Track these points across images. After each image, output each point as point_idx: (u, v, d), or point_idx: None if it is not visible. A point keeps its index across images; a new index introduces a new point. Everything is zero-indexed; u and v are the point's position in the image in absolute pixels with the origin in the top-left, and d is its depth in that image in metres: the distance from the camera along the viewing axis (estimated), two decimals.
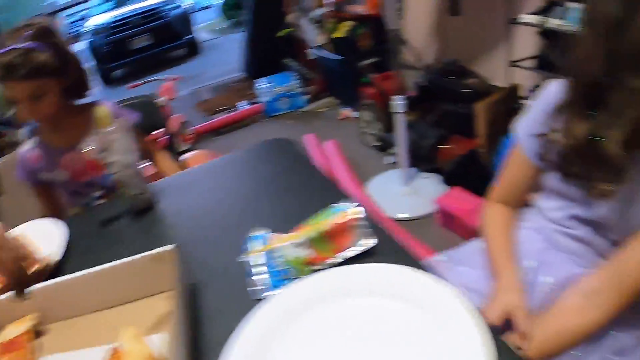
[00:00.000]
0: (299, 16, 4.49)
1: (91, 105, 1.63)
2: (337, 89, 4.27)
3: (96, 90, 7.79)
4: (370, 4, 3.45)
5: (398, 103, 2.55)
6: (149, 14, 8.05)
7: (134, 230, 1.26)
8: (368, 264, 0.86)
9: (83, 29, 8.82)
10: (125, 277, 0.94)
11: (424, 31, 3.29)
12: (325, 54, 3.92)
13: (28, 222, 1.40)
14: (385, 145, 3.22)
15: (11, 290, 0.96)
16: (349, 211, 0.93)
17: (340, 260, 0.91)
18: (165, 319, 0.90)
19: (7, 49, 1.43)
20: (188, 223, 1.22)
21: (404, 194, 2.81)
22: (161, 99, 3.88)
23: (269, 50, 5.07)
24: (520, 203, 1.14)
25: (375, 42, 3.47)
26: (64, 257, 1.17)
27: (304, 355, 0.76)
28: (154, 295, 0.97)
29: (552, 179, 0.98)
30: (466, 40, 2.98)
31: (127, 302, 0.98)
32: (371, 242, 0.92)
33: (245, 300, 0.88)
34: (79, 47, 7.60)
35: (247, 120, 4.55)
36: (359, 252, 0.91)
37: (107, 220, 1.31)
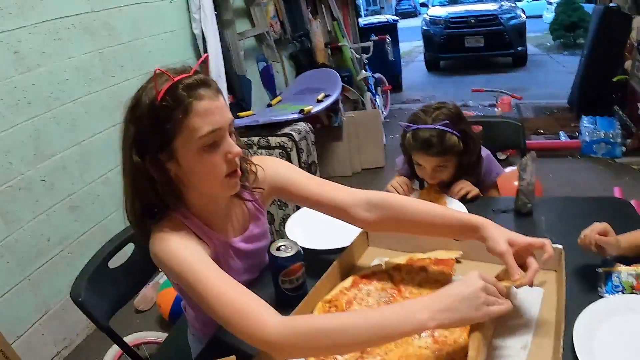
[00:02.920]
0: (637, 66, 4.37)
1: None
2: None
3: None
4: None
5: None
6: (485, 18, 8.34)
7: (513, 225, 1.52)
8: None
9: (424, 17, 9.47)
10: None
11: None
12: None
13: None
14: None
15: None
16: None
17: None
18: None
19: (427, 126, 1.67)
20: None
21: None
22: (497, 110, 4.36)
23: (600, 91, 5.01)
24: None
25: None
26: None
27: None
28: None
29: None
30: None
31: None
32: None
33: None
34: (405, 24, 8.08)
35: (561, 152, 4.58)
36: None
37: (498, 210, 1.63)
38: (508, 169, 2.47)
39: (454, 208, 1.60)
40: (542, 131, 5.12)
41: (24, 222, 2.47)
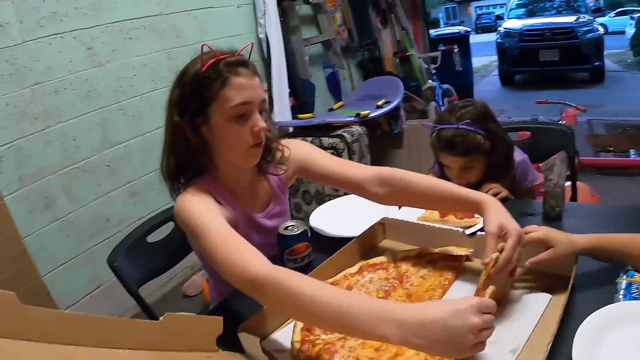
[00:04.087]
0: None
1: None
2: None
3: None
4: None
5: None
6: (561, 31, 7.96)
7: None
8: None
9: (499, 29, 9.14)
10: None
11: None
12: None
13: None
14: None
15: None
16: None
17: None
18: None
19: (449, 126, 1.61)
20: None
21: None
22: (562, 123, 4.18)
23: None
24: None
25: None
26: None
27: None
28: None
29: None
30: None
31: None
32: None
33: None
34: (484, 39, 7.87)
35: (629, 170, 4.37)
36: None
37: (525, 213, 1.53)
38: None
39: None
40: (611, 148, 4.87)
41: (86, 202, 2.65)
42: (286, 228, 1.30)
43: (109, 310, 2.76)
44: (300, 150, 1.38)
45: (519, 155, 1.77)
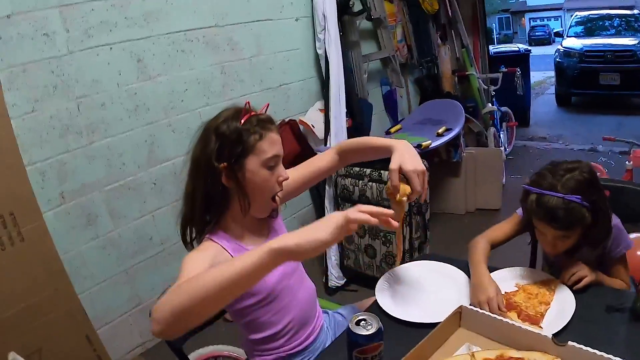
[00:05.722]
0: None
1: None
2: None
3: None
4: None
5: None
6: (623, 54, 7.39)
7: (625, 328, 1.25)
8: None
9: (558, 47, 8.60)
10: None
11: None
12: None
13: None
14: None
15: None
16: None
17: None
18: None
19: (555, 194, 1.38)
20: None
21: None
22: (628, 164, 3.78)
23: None
24: None
25: None
26: None
27: None
28: None
29: None
30: None
31: None
32: None
33: None
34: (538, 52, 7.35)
35: None
36: None
37: (611, 306, 1.31)
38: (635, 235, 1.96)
39: (563, 297, 1.37)
40: None
41: (129, 220, 2.49)
42: (358, 323, 1.11)
43: (145, 329, 2.63)
44: None
45: (612, 219, 1.50)
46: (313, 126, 3.14)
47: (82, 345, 2.09)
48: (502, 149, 4.79)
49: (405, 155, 1.30)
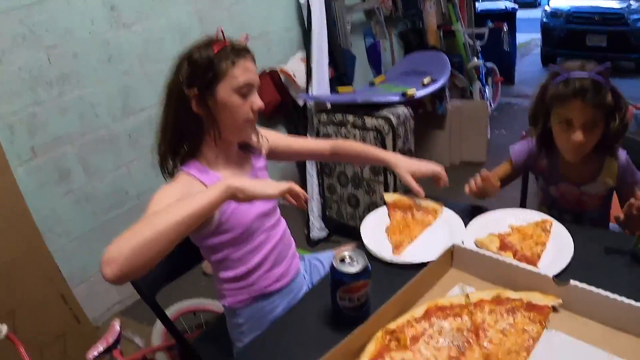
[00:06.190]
0: None
1: (608, 153, 1.55)
2: None
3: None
4: None
5: None
6: (610, 17, 7.25)
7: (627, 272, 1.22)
8: None
9: (545, 8, 8.30)
10: None
11: None
12: None
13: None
14: None
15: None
16: None
17: None
18: None
19: (583, 73, 1.44)
20: None
21: None
22: None
23: None
24: None
25: None
26: None
27: None
28: None
29: None
30: None
31: None
32: None
33: None
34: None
35: None
36: None
37: (610, 248, 1.28)
38: None
39: (559, 239, 1.32)
40: None
41: (104, 173, 2.41)
42: (342, 260, 1.04)
43: (124, 287, 2.52)
44: (267, 135, 1.50)
45: (621, 151, 1.58)
46: (294, 75, 3.04)
47: (57, 305, 2.04)
48: (488, 103, 4.74)
49: (407, 164, 1.51)
